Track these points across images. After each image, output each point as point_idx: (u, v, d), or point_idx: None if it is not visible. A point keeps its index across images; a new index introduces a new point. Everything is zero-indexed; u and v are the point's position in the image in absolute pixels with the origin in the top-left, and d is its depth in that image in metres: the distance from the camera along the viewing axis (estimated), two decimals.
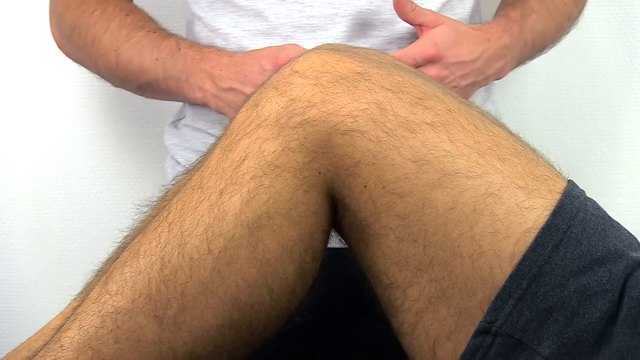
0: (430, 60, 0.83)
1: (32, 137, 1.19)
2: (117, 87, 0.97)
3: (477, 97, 0.94)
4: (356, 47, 0.71)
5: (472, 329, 0.60)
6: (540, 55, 0.99)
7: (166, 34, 0.91)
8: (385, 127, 0.61)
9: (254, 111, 0.63)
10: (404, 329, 0.64)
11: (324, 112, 0.61)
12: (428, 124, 0.61)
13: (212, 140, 0.91)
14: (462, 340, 0.61)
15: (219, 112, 0.87)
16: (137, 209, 0.97)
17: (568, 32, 1.01)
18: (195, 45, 0.89)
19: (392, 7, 0.84)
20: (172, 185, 0.71)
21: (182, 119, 0.98)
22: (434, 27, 0.84)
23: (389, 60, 0.69)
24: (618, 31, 1.17)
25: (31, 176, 1.20)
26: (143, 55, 0.90)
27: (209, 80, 0.86)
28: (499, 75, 0.90)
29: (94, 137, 1.19)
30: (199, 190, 0.62)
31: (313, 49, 0.68)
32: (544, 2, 0.96)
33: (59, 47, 1.00)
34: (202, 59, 0.87)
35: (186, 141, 0.96)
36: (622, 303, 0.59)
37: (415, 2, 0.88)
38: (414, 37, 0.88)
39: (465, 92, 0.87)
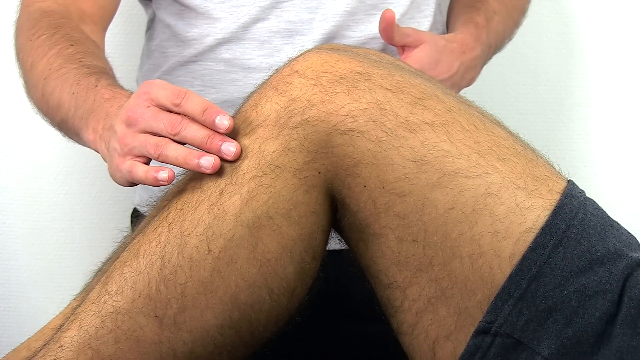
0: None
1: (32, 137, 1.19)
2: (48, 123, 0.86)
3: None
4: (356, 47, 0.71)
5: (472, 329, 0.60)
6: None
7: (97, 70, 0.79)
8: (385, 127, 0.61)
9: (254, 111, 0.63)
10: (404, 329, 0.64)
11: (324, 112, 0.61)
12: (428, 123, 0.61)
13: None
14: (462, 340, 0.61)
15: (99, 153, 0.75)
16: (137, 209, 0.97)
17: (520, 26, 1.01)
18: (114, 85, 0.77)
19: (365, 10, 0.84)
20: (172, 185, 0.70)
21: None
22: (416, 46, 0.84)
23: (388, 60, 0.69)
24: (618, 31, 1.17)
25: (31, 176, 1.19)
26: (64, 87, 0.79)
27: (103, 120, 0.73)
28: (470, 84, 0.91)
29: None
30: (199, 190, 0.62)
31: (313, 48, 0.68)
32: (502, 0, 0.96)
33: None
34: (110, 98, 0.74)
35: None
36: (621, 303, 0.59)
37: (384, 1, 0.88)
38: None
39: None
